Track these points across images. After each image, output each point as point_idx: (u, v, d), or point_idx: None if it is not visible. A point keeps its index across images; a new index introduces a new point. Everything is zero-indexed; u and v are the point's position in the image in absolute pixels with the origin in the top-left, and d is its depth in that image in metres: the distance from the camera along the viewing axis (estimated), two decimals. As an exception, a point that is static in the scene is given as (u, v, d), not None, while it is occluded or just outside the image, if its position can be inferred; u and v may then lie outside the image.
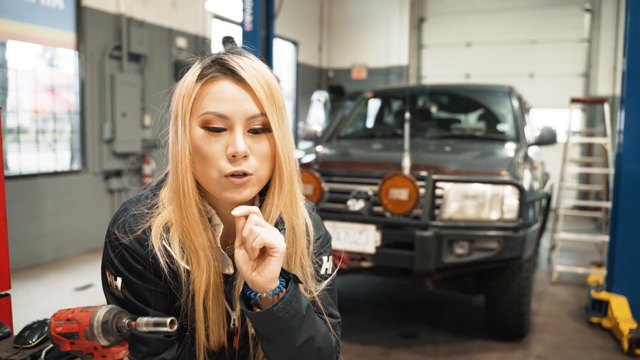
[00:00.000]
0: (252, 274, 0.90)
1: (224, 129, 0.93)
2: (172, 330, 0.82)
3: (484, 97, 4.83)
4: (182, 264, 0.97)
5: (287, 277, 0.95)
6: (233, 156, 0.92)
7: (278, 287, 0.92)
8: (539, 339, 3.53)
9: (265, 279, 0.90)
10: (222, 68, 0.94)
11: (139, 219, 0.98)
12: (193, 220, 0.96)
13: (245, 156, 0.93)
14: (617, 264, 3.68)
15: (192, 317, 1.00)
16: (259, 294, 0.92)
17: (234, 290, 1.02)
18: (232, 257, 1.03)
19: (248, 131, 0.94)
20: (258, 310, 0.92)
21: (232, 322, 1.05)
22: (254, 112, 0.93)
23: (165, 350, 0.99)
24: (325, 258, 1.11)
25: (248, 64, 0.95)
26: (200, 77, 0.95)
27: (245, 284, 0.95)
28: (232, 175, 0.93)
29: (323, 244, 1.12)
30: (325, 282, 1.09)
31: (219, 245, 1.01)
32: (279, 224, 1.00)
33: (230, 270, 1.03)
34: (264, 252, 0.91)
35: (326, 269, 1.12)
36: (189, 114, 0.95)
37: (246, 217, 0.90)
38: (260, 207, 1.02)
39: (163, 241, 0.96)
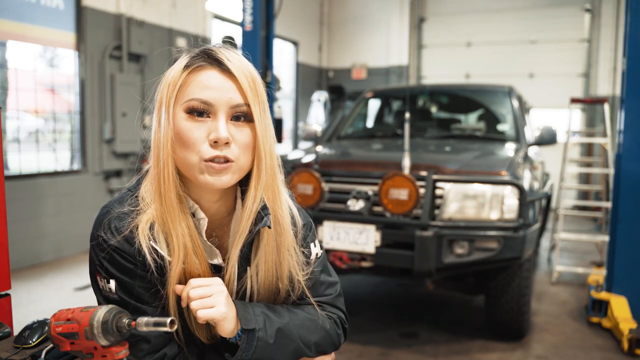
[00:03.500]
0: (214, 330, 0.99)
1: (208, 116, 0.96)
2: (172, 330, 0.82)
3: (484, 97, 4.83)
4: (168, 258, 0.98)
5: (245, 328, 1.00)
6: (215, 142, 0.94)
7: (238, 333, 0.99)
8: (539, 339, 3.53)
9: (226, 333, 0.98)
10: (209, 58, 0.97)
11: (123, 219, 0.98)
12: (171, 207, 0.97)
13: (227, 143, 0.95)
14: (617, 264, 3.68)
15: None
16: (232, 339, 1.00)
17: (224, 280, 1.04)
18: (218, 247, 1.06)
19: (231, 119, 0.97)
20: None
21: None
22: (237, 101, 0.96)
23: (166, 345, 1.00)
24: (312, 245, 1.15)
25: (234, 57, 0.98)
26: (187, 66, 0.98)
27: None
28: (213, 160, 0.94)
29: (308, 231, 1.16)
30: (314, 264, 1.14)
31: (205, 238, 1.03)
32: (263, 210, 1.02)
33: (219, 261, 1.05)
34: None
35: (316, 254, 1.15)
36: (173, 100, 0.97)
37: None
38: (242, 199, 1.04)
39: (150, 239, 0.97)
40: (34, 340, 1.19)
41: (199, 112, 0.95)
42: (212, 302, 0.95)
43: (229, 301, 0.98)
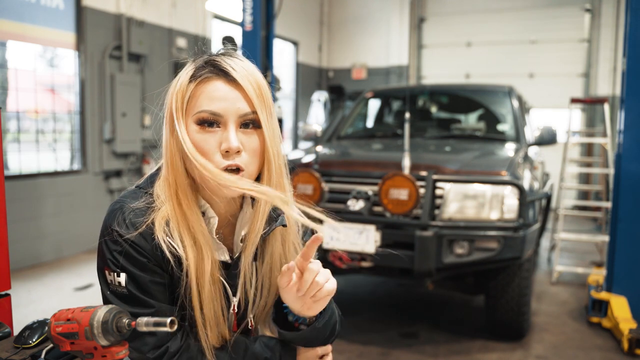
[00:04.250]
0: (301, 309, 1.04)
1: (218, 126, 0.99)
2: (172, 330, 0.83)
3: (484, 97, 4.83)
4: (182, 254, 1.00)
5: None
6: (227, 151, 0.98)
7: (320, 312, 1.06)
8: (539, 339, 3.53)
9: (316, 311, 1.05)
10: (214, 69, 1.00)
11: (139, 215, 1.00)
12: (189, 212, 1.01)
13: (238, 151, 0.99)
14: (617, 264, 3.68)
15: (191, 305, 1.03)
16: (307, 319, 1.06)
17: (236, 277, 1.08)
18: (225, 244, 1.09)
19: (240, 127, 1.00)
20: (295, 332, 1.07)
21: (231, 308, 1.09)
22: (245, 110, 1.00)
23: (169, 340, 1.01)
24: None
25: (239, 65, 1.01)
26: (193, 77, 1.01)
27: (277, 307, 1.10)
28: (226, 170, 0.98)
29: (306, 229, 1.22)
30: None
31: (214, 236, 1.06)
32: (275, 210, 1.08)
33: (226, 258, 1.08)
34: None
35: None
36: (183, 112, 1.00)
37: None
38: (252, 201, 1.09)
39: (166, 234, 1.00)
40: (34, 340, 1.19)
41: (209, 123, 0.99)
42: (329, 275, 1.03)
43: None
